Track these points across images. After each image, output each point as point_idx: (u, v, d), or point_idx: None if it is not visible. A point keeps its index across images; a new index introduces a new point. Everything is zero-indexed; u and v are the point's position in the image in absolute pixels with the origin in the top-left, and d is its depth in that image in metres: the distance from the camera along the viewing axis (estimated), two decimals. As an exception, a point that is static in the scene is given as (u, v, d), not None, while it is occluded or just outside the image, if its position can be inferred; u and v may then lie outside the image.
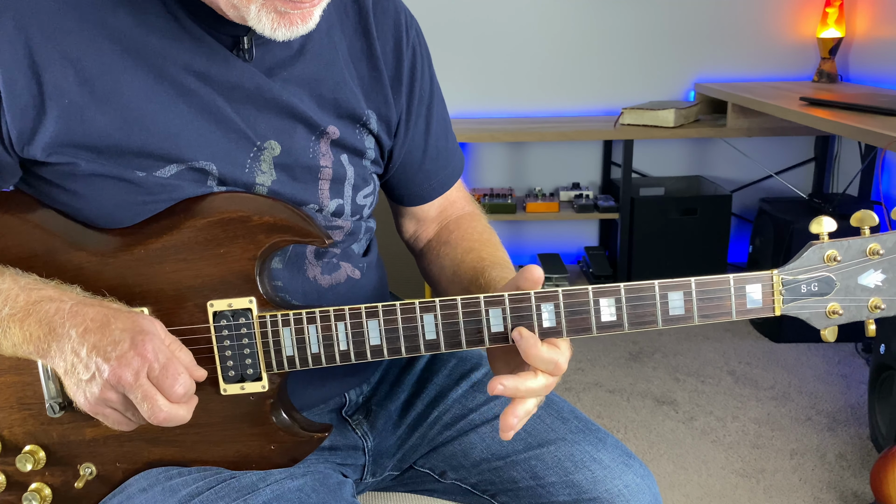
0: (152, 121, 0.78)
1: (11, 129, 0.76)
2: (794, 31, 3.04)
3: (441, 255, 1.00)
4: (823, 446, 2.09)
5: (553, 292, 0.76)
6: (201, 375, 0.78)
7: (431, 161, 1.01)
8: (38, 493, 0.83)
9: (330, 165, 0.88)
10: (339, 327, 0.78)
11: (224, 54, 0.81)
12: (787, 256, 2.56)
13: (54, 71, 0.75)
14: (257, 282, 0.79)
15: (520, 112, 3.13)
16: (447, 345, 0.78)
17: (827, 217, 0.75)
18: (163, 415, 0.73)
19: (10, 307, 0.75)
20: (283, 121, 0.84)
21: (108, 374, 0.72)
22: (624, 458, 0.92)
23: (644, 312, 0.76)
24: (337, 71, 0.88)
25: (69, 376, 0.74)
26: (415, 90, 0.96)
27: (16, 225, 0.81)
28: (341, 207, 0.91)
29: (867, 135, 1.86)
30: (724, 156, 3.16)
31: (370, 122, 0.91)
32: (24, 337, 0.75)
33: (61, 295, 0.76)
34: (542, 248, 3.27)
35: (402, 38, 0.94)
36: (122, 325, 0.73)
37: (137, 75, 0.78)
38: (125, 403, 0.74)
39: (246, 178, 0.83)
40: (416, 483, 0.99)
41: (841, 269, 0.75)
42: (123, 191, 0.79)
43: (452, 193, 1.05)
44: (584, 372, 2.54)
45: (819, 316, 0.77)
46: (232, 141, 0.82)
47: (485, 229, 1.02)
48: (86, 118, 0.76)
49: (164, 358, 0.73)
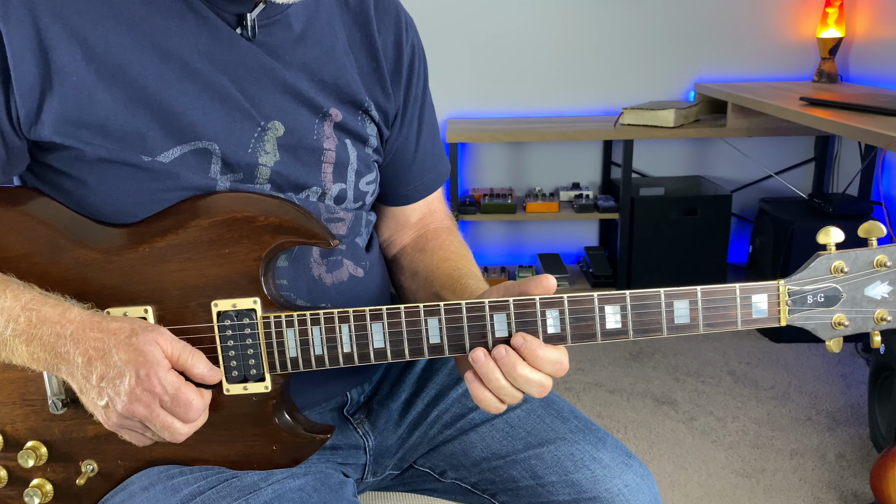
0: (157, 99, 0.79)
1: (21, 109, 0.76)
2: (794, 31, 3.04)
3: (415, 260, 1.01)
4: (823, 446, 2.09)
5: (558, 298, 0.76)
6: (217, 378, 0.79)
7: (420, 161, 1.02)
8: (40, 489, 0.84)
9: (333, 148, 0.89)
10: (342, 329, 0.78)
11: (229, 33, 0.82)
12: (787, 256, 2.58)
13: (61, 50, 0.76)
14: (262, 282, 0.79)
15: (520, 112, 3.13)
16: (451, 349, 0.78)
17: (835, 228, 0.75)
18: (184, 436, 0.76)
19: (13, 328, 0.75)
20: (287, 101, 0.85)
21: (122, 409, 0.73)
22: (624, 458, 0.92)
23: (649, 320, 0.76)
24: (337, 58, 0.89)
25: (84, 395, 0.76)
26: (411, 88, 0.97)
27: (21, 221, 0.82)
28: (344, 192, 0.91)
29: (867, 135, 1.86)
30: (724, 156, 3.16)
31: (371, 110, 0.92)
32: (31, 358, 0.76)
33: (61, 317, 0.75)
34: (542, 248, 3.28)
35: (402, 35, 0.95)
36: (125, 356, 0.73)
37: (143, 54, 0.79)
38: (143, 427, 0.76)
39: (249, 159, 0.83)
40: (416, 482, 0.99)
41: (848, 280, 0.75)
42: (129, 177, 0.79)
43: (434, 204, 1.06)
44: (584, 372, 2.54)
45: (825, 327, 0.76)
46: (236, 120, 0.82)
47: (461, 245, 1.02)
48: (92, 96, 0.77)
49: (173, 388, 0.74)
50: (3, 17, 0.75)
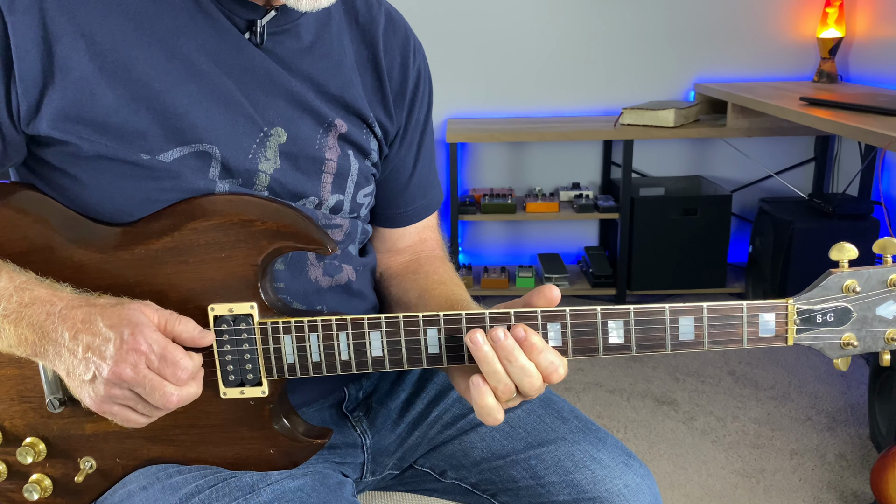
0: (160, 99, 0.78)
1: (22, 103, 0.76)
2: (794, 31, 3.04)
3: (406, 280, 0.99)
4: (823, 446, 2.09)
5: (560, 311, 0.74)
6: (208, 341, 0.77)
7: (414, 186, 1.01)
8: (39, 485, 0.84)
9: (335, 159, 0.88)
10: (340, 337, 0.77)
11: (237, 37, 0.81)
12: (787, 256, 2.58)
13: (66, 43, 0.75)
14: (259, 287, 0.78)
15: (520, 112, 3.13)
16: (450, 359, 0.77)
17: (848, 244, 0.72)
18: (174, 399, 0.73)
19: (4, 307, 0.75)
20: (291, 109, 0.84)
21: (108, 373, 0.71)
22: (624, 458, 0.92)
23: (653, 336, 0.75)
24: (344, 72, 0.89)
25: (71, 378, 0.74)
26: (413, 111, 0.97)
27: (16, 219, 0.81)
28: (340, 203, 0.91)
29: (867, 135, 1.86)
30: (724, 156, 3.16)
31: (374, 126, 0.92)
32: (18, 339, 0.75)
33: (52, 296, 0.75)
34: (542, 248, 3.27)
35: (409, 57, 0.95)
36: (109, 322, 0.72)
37: (149, 52, 0.78)
38: (133, 398, 0.74)
39: (249, 164, 0.82)
40: (416, 482, 0.99)
41: (859, 299, 0.73)
42: (127, 174, 0.78)
43: (426, 233, 1.05)
44: (584, 372, 2.54)
45: (833, 347, 0.74)
46: (239, 125, 0.81)
47: (456, 275, 1.00)
48: (94, 93, 0.76)
49: (159, 347, 0.72)
50: (9, 8, 0.74)
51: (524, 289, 2.98)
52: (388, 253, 1.04)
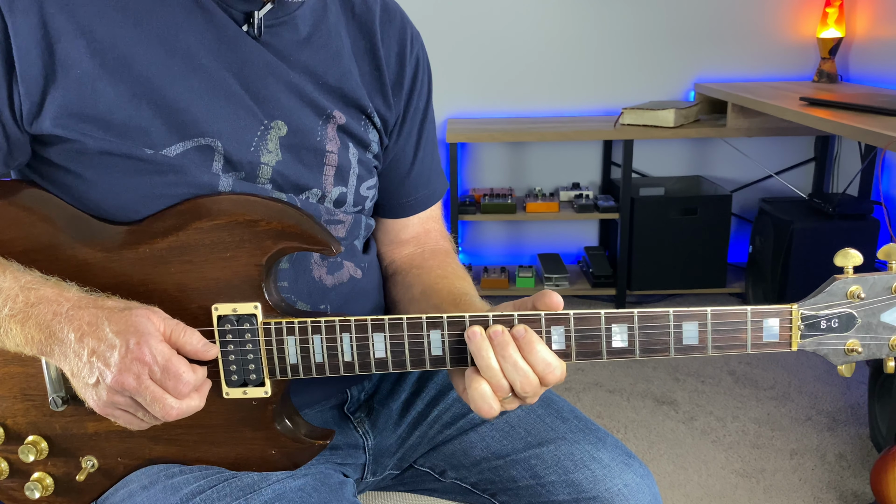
0: (161, 94, 0.78)
1: (24, 102, 0.76)
2: (794, 31, 3.04)
3: (410, 275, 0.99)
4: (823, 446, 2.09)
5: (564, 315, 0.74)
6: (212, 354, 0.76)
7: (416, 175, 1.01)
8: (41, 483, 0.84)
9: (336, 151, 0.89)
10: (343, 338, 0.77)
11: (235, 30, 0.82)
12: (787, 256, 2.58)
13: (66, 42, 0.76)
14: (263, 288, 0.79)
15: (520, 112, 3.13)
16: (453, 362, 0.77)
17: (853, 250, 0.72)
18: (174, 411, 0.73)
19: (10, 307, 0.75)
20: (291, 101, 0.85)
21: (111, 381, 0.71)
22: (624, 458, 0.92)
23: (657, 341, 0.75)
24: (342, 63, 0.89)
25: (76, 378, 0.74)
26: (412, 100, 0.97)
27: (21, 217, 0.81)
28: (344, 196, 0.91)
29: (867, 135, 1.86)
30: (724, 156, 3.16)
31: (374, 116, 0.92)
32: (25, 339, 0.75)
33: (59, 296, 0.75)
34: (542, 248, 3.28)
35: (406, 46, 0.95)
36: (116, 328, 0.72)
37: (149, 48, 0.78)
38: (134, 405, 0.74)
39: (251, 157, 0.83)
40: (416, 482, 0.99)
41: (864, 306, 0.72)
42: (131, 170, 0.79)
43: (430, 223, 1.05)
44: (584, 372, 2.54)
45: (837, 353, 0.74)
46: (240, 118, 0.82)
47: (459, 267, 1.00)
48: (96, 90, 0.76)
49: (163, 358, 0.72)
50: (9, 8, 0.74)
51: (524, 289, 2.98)
52: (391, 245, 1.04)
